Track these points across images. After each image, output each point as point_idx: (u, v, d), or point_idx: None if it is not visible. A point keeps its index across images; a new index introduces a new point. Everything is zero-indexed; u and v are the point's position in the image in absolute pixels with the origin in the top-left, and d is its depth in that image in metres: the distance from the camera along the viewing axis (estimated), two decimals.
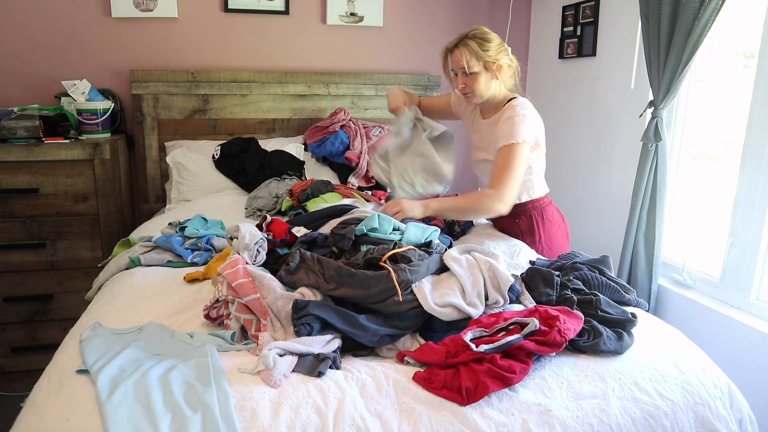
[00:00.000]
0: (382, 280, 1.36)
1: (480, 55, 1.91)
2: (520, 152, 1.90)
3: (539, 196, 2.12)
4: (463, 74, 1.96)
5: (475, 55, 1.91)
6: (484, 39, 1.92)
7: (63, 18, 2.78)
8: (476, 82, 1.95)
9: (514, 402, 1.14)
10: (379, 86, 3.15)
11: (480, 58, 1.91)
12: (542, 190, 2.13)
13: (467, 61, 1.92)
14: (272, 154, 2.75)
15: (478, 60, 1.92)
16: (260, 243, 1.63)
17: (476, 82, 1.95)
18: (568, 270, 1.61)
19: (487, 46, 1.92)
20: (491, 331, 1.28)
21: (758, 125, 1.96)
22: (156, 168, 2.93)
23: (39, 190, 2.43)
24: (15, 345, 2.56)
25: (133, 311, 1.46)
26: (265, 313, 1.34)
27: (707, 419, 1.21)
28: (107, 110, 2.67)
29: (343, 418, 1.07)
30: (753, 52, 2.03)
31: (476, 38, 1.92)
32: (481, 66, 1.93)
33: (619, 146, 2.62)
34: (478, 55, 1.91)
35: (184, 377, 1.12)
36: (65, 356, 1.24)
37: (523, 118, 1.92)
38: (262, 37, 3.04)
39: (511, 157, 1.90)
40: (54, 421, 1.03)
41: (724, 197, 2.17)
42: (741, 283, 2.05)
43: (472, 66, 1.92)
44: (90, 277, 2.17)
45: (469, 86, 1.97)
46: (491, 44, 1.93)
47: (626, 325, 1.36)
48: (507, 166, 1.90)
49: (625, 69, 2.57)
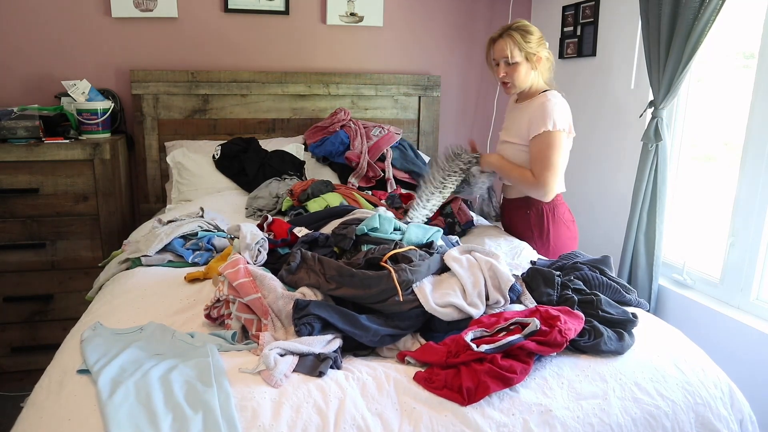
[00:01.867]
0: (382, 280, 1.36)
1: (522, 45, 2.01)
2: (555, 139, 1.97)
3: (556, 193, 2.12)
4: (505, 64, 2.05)
5: (517, 46, 2.01)
6: (527, 31, 2.02)
7: (63, 18, 2.78)
8: (516, 72, 2.04)
9: (514, 402, 1.14)
10: (379, 86, 3.15)
11: (522, 48, 2.01)
12: (560, 188, 2.13)
13: (510, 51, 2.01)
14: (272, 154, 2.75)
15: (521, 51, 2.02)
16: (261, 243, 1.63)
17: (516, 71, 2.04)
18: (568, 270, 1.61)
19: (529, 37, 2.01)
20: (492, 331, 1.28)
21: (758, 125, 1.96)
22: (156, 168, 2.93)
23: (39, 190, 2.43)
24: (15, 345, 2.55)
25: (134, 311, 1.46)
26: (266, 313, 1.34)
27: (708, 419, 1.21)
28: (107, 110, 2.67)
29: (343, 418, 1.07)
30: (753, 52, 2.03)
31: (519, 30, 2.02)
32: (523, 56, 2.02)
33: (619, 146, 2.62)
34: (520, 46, 2.01)
35: (185, 377, 1.12)
36: (66, 356, 1.24)
37: (555, 105, 1.99)
38: (262, 37, 3.04)
39: (546, 146, 1.98)
40: (54, 421, 1.03)
41: (724, 197, 2.17)
42: (741, 283, 2.05)
43: (514, 56, 2.02)
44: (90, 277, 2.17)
45: (510, 75, 2.06)
46: (533, 36, 2.02)
47: (627, 325, 1.36)
48: (544, 156, 1.98)
49: (625, 69, 2.57)
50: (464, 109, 3.42)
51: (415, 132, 3.27)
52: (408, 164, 2.88)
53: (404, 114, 3.23)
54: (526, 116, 2.04)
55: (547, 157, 1.97)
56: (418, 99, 3.22)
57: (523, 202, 2.15)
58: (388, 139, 2.89)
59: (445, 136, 3.40)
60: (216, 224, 2.03)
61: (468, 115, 3.43)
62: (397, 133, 2.97)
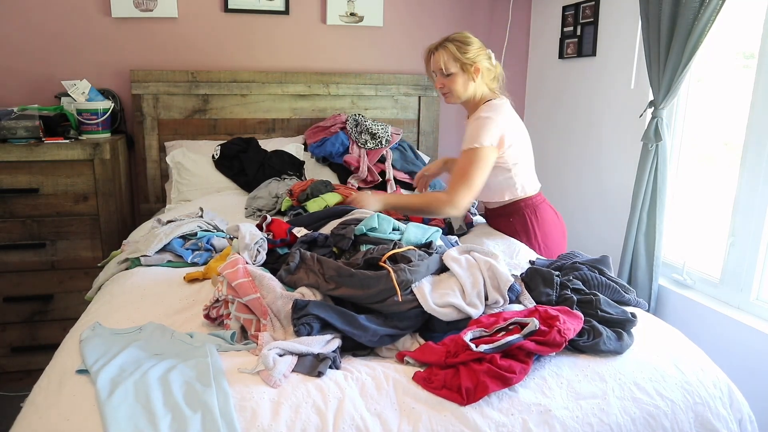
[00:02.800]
0: (381, 280, 1.36)
1: (457, 56, 1.98)
2: (478, 156, 1.93)
3: (529, 195, 2.12)
4: (442, 75, 2.03)
5: (452, 57, 1.99)
6: (464, 42, 2.00)
7: (63, 18, 2.78)
8: (453, 83, 2.03)
9: (513, 402, 1.14)
10: (379, 86, 3.15)
11: (457, 59, 1.99)
12: (532, 188, 2.13)
13: (444, 63, 2.00)
14: (272, 154, 2.75)
15: (456, 61, 1.99)
16: (260, 243, 1.63)
17: (453, 82, 2.03)
18: (567, 270, 1.61)
19: (465, 48, 1.99)
20: (491, 331, 1.28)
21: (758, 125, 1.96)
22: (156, 168, 2.93)
23: (39, 190, 2.43)
24: (15, 345, 2.56)
25: (133, 311, 1.46)
26: (265, 313, 1.34)
27: (707, 419, 1.21)
28: (107, 110, 2.67)
29: (342, 418, 1.07)
30: (753, 52, 2.03)
31: (456, 41, 2.00)
32: (458, 67, 2.00)
33: (619, 146, 2.62)
34: (455, 57, 1.99)
35: (184, 377, 1.12)
36: (65, 356, 1.24)
37: (487, 121, 1.96)
38: (262, 37, 3.04)
39: (468, 162, 1.94)
40: (54, 421, 1.03)
41: (724, 197, 2.17)
42: (741, 283, 2.05)
43: (449, 67, 2.00)
44: (90, 277, 2.17)
45: (447, 86, 2.04)
46: (470, 47, 2.00)
47: (626, 325, 1.36)
48: (463, 171, 1.95)
49: (625, 69, 2.57)
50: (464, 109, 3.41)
51: (415, 132, 3.27)
52: (408, 165, 2.88)
53: (404, 114, 3.23)
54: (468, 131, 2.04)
55: (468, 174, 1.92)
56: (418, 99, 3.22)
57: (504, 209, 2.14)
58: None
59: (445, 136, 3.40)
60: (215, 224, 2.03)
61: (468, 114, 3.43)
62: (396, 134, 2.98)
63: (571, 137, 2.96)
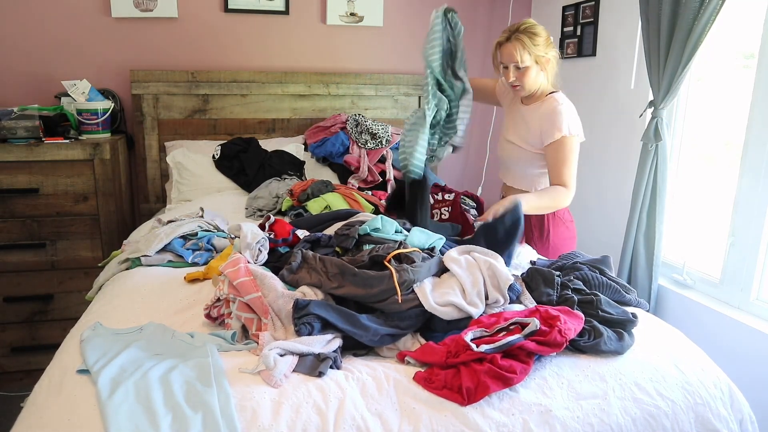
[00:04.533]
0: (384, 280, 1.36)
1: (531, 49, 1.93)
2: (571, 144, 1.96)
3: None
4: (515, 68, 1.97)
5: (527, 50, 1.93)
6: (534, 33, 1.94)
7: (63, 18, 2.78)
8: (526, 76, 1.97)
9: (514, 402, 1.14)
10: (379, 86, 3.15)
11: (531, 52, 1.93)
12: None
13: (520, 56, 1.93)
14: (272, 154, 2.75)
15: (530, 54, 1.94)
16: (262, 242, 1.63)
17: (526, 75, 1.97)
18: (568, 270, 1.61)
19: (537, 40, 1.94)
20: (492, 331, 1.28)
21: (758, 125, 1.96)
22: (156, 168, 2.93)
23: (39, 190, 2.43)
24: (15, 345, 2.55)
25: (134, 311, 1.46)
26: (266, 312, 1.34)
27: (707, 419, 1.21)
28: (107, 110, 2.67)
29: (343, 418, 1.07)
30: (753, 52, 2.03)
31: (527, 32, 1.93)
32: (532, 60, 1.95)
33: (619, 146, 2.62)
34: (529, 50, 1.93)
35: (184, 377, 1.12)
36: (66, 356, 1.24)
37: (566, 110, 1.97)
38: (262, 37, 3.04)
39: (564, 152, 1.96)
40: (54, 421, 1.03)
41: (724, 197, 2.17)
42: (741, 283, 2.05)
43: (524, 60, 1.94)
44: (90, 277, 2.17)
45: (520, 79, 1.99)
46: (540, 38, 1.95)
47: (627, 325, 1.36)
48: (565, 160, 1.96)
49: (625, 69, 2.57)
50: None
51: None
52: None
53: (404, 114, 3.23)
54: (537, 121, 2.02)
55: (569, 162, 1.96)
56: (418, 99, 3.22)
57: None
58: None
59: None
60: (216, 224, 2.03)
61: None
62: (397, 134, 2.98)
63: None
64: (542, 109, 2.02)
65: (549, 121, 1.97)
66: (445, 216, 2.18)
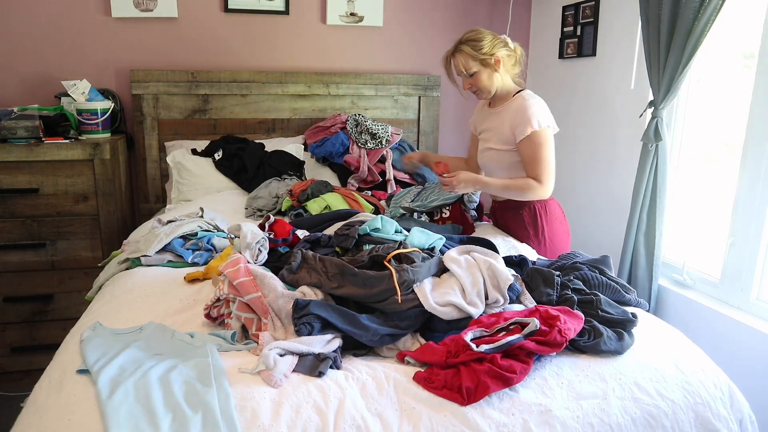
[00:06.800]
0: (384, 280, 1.36)
1: (474, 55, 2.03)
2: (543, 138, 2.00)
3: None
4: (466, 76, 2.09)
5: (470, 57, 2.04)
6: (476, 39, 2.04)
7: (63, 18, 2.78)
8: (479, 80, 2.08)
9: (514, 402, 1.14)
10: (379, 86, 3.15)
11: (475, 58, 2.03)
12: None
13: (464, 65, 2.06)
14: (272, 154, 2.75)
15: (474, 60, 2.04)
16: (262, 242, 1.63)
17: (478, 80, 2.08)
18: (568, 270, 1.61)
19: (479, 45, 2.02)
20: (492, 331, 1.28)
21: (758, 125, 1.96)
22: (156, 168, 2.93)
23: (39, 190, 2.43)
24: (15, 345, 2.55)
25: (134, 311, 1.46)
26: (266, 312, 1.34)
27: (707, 419, 1.21)
28: (107, 110, 2.67)
29: (343, 418, 1.07)
30: (753, 52, 2.03)
31: (468, 42, 2.04)
32: (479, 65, 2.04)
33: (619, 146, 2.62)
34: (473, 57, 2.03)
35: (184, 377, 1.12)
36: (65, 356, 1.24)
37: (534, 105, 2.02)
38: (262, 37, 3.04)
39: (537, 146, 2.00)
40: (54, 421, 1.03)
41: (724, 197, 2.17)
42: (741, 283, 2.05)
43: (470, 67, 2.06)
44: (90, 277, 2.17)
45: (475, 85, 2.09)
46: (483, 42, 2.03)
47: (627, 325, 1.36)
48: (538, 156, 2.01)
49: (625, 69, 2.57)
50: (464, 109, 3.41)
51: (415, 132, 3.27)
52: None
53: (404, 114, 3.23)
54: (507, 121, 2.07)
55: (542, 157, 2.00)
56: (418, 99, 3.22)
57: (515, 202, 2.16)
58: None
59: (445, 136, 3.40)
60: (216, 224, 2.03)
61: (468, 114, 3.43)
62: (396, 134, 2.98)
63: (571, 137, 2.97)
64: (512, 108, 2.07)
65: (519, 117, 2.02)
66: (446, 216, 2.18)
